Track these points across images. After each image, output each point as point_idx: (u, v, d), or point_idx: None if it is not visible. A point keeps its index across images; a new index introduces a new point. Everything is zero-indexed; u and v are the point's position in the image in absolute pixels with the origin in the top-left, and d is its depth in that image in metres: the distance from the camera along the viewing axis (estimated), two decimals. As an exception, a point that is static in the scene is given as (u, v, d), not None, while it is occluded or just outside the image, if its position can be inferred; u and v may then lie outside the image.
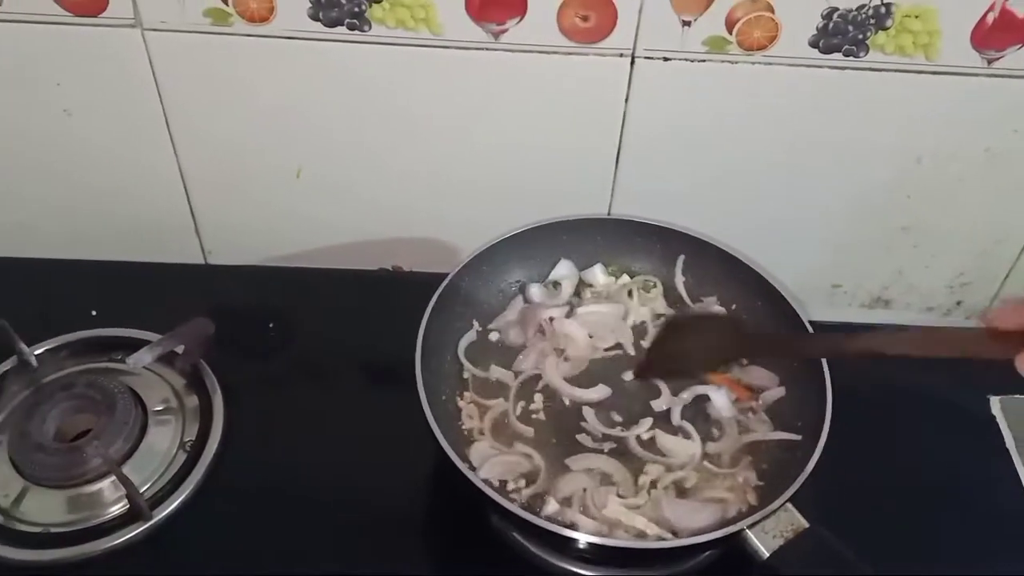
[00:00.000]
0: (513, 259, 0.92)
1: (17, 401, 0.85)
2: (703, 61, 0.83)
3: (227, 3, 0.80)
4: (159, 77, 0.86)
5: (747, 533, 0.67)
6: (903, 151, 0.90)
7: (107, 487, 0.79)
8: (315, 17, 0.81)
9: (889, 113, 0.87)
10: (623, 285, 0.94)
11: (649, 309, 0.92)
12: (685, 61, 0.83)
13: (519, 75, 0.85)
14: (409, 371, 0.75)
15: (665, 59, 0.83)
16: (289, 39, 0.82)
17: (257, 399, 0.88)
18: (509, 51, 0.83)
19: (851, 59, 0.82)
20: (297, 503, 0.80)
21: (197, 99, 0.88)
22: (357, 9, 0.80)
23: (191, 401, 0.87)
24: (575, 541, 0.70)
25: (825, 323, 0.96)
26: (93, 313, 0.95)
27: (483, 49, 0.83)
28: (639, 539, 0.73)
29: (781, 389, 0.84)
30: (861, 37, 0.80)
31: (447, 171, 0.94)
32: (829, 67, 0.83)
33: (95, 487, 0.79)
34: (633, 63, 0.83)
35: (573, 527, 0.72)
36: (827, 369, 0.77)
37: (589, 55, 0.83)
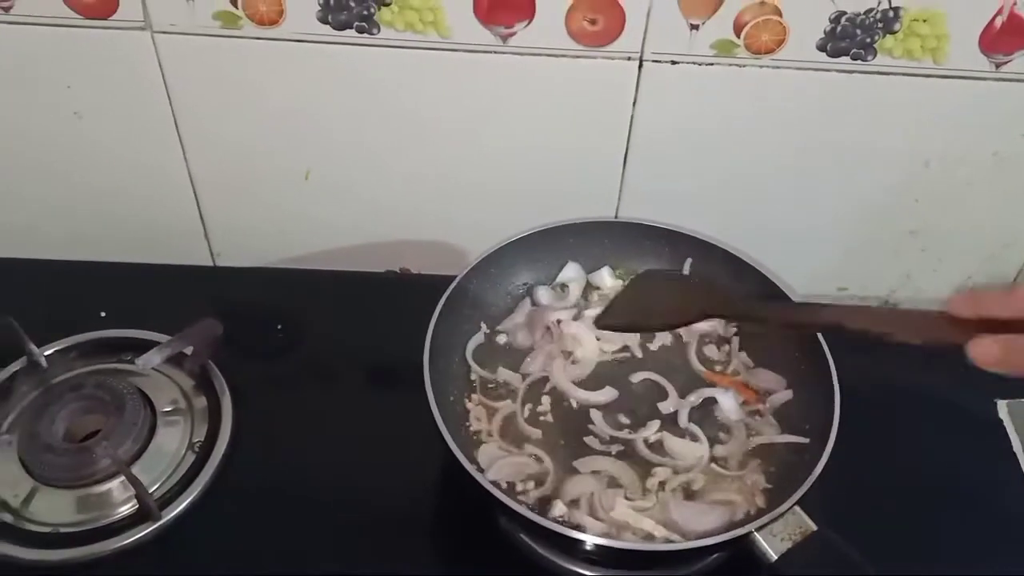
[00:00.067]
0: (521, 262, 0.92)
1: (27, 402, 0.86)
2: (711, 64, 0.83)
3: (237, 6, 0.80)
4: (169, 79, 0.86)
5: (755, 536, 0.67)
6: (911, 155, 0.90)
7: (116, 487, 0.79)
8: (324, 20, 0.81)
9: (897, 117, 0.87)
10: (630, 288, 0.94)
11: (655, 311, 0.92)
12: (693, 64, 0.83)
13: (527, 78, 0.85)
14: (417, 373, 0.75)
15: (673, 62, 0.83)
16: (298, 42, 0.83)
17: (266, 400, 0.89)
18: (517, 54, 0.83)
19: (859, 63, 0.82)
20: (306, 504, 0.81)
21: (206, 101, 0.88)
22: (366, 12, 0.80)
23: (200, 402, 0.87)
24: (583, 543, 0.70)
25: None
26: (102, 314, 0.95)
27: (491, 52, 0.83)
28: (647, 541, 0.73)
29: (788, 392, 0.84)
30: (869, 41, 0.81)
31: (455, 174, 0.95)
32: (837, 71, 0.83)
33: (104, 487, 0.79)
34: (641, 66, 0.84)
35: (581, 529, 0.72)
36: (835, 372, 0.77)
37: (597, 58, 0.83)
